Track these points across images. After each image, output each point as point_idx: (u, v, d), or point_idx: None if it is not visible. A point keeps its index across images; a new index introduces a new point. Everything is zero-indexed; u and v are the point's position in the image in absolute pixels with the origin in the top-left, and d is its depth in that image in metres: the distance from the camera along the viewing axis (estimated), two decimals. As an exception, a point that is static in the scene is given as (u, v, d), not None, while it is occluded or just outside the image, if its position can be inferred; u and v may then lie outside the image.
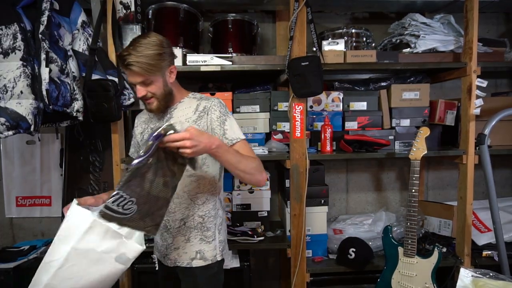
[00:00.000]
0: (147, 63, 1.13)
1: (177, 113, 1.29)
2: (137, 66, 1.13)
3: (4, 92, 1.45)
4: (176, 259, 1.31)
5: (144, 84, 1.18)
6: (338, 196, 2.47)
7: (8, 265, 1.93)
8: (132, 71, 1.14)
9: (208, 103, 1.26)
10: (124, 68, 1.17)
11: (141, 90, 1.19)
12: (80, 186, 2.02)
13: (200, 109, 1.26)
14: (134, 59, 1.12)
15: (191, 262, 1.29)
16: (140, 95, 1.19)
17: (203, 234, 1.31)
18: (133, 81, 1.18)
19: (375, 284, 1.87)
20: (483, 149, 1.75)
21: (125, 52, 1.14)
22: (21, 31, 1.45)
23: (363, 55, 1.87)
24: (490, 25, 2.41)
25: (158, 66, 1.17)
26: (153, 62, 1.15)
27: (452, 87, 2.40)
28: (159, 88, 1.21)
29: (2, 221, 2.36)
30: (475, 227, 2.04)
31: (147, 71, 1.14)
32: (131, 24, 1.76)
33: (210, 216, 1.32)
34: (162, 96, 1.23)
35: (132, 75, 1.17)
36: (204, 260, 1.30)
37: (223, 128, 1.24)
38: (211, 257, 1.31)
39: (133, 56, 1.12)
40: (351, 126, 2.03)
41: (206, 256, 1.30)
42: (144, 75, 1.15)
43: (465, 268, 0.95)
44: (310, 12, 1.77)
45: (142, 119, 1.41)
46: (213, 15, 2.21)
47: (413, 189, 1.74)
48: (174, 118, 1.28)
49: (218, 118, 1.24)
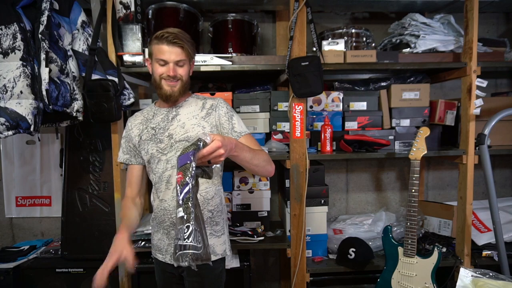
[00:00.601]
0: (188, 42, 1.25)
1: (183, 110, 1.33)
2: (182, 42, 1.23)
3: (4, 92, 1.46)
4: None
5: (177, 65, 1.25)
6: (338, 196, 2.47)
7: (8, 265, 1.93)
8: (176, 46, 1.22)
9: (215, 102, 1.35)
10: (165, 44, 1.22)
11: (175, 68, 1.25)
12: (80, 186, 2.02)
13: (207, 107, 1.34)
14: (180, 36, 1.23)
15: None
16: (173, 73, 1.24)
17: (212, 228, 1.33)
18: (170, 58, 1.23)
19: (375, 284, 1.87)
20: (483, 149, 1.75)
21: (167, 31, 1.23)
22: (21, 31, 1.46)
23: (363, 55, 1.87)
24: (490, 25, 2.41)
25: (191, 51, 1.28)
26: (190, 45, 1.26)
27: (452, 87, 2.40)
28: (186, 73, 1.29)
29: (2, 221, 2.36)
30: (475, 227, 2.04)
31: (186, 51, 1.25)
32: (131, 24, 1.76)
33: (218, 211, 1.35)
34: (185, 82, 1.30)
35: (172, 53, 1.23)
36: (214, 255, 1.32)
37: (232, 122, 1.32)
38: (221, 251, 1.34)
39: (177, 34, 1.23)
40: (351, 126, 2.03)
41: (216, 250, 1.33)
42: (183, 54, 1.24)
43: (465, 268, 0.95)
44: (310, 12, 1.77)
45: (137, 121, 1.40)
46: (213, 15, 2.21)
47: (413, 189, 1.74)
48: (181, 115, 1.32)
49: (226, 113, 1.32)
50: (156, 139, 1.32)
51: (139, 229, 1.90)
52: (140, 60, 1.78)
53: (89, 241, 1.97)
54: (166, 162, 1.30)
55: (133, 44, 1.76)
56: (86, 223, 1.99)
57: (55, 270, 1.93)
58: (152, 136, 1.32)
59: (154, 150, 1.31)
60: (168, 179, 1.30)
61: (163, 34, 1.22)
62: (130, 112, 1.95)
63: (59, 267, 1.93)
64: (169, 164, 1.29)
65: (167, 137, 1.30)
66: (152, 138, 1.32)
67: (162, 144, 1.30)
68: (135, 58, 1.77)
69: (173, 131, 1.30)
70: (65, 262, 1.96)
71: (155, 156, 1.31)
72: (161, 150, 1.30)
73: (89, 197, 2.02)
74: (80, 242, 1.98)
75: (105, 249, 1.92)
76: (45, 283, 1.94)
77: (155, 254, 1.40)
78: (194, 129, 1.29)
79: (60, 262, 1.96)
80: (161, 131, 1.32)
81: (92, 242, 1.97)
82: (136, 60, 1.78)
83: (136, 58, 1.77)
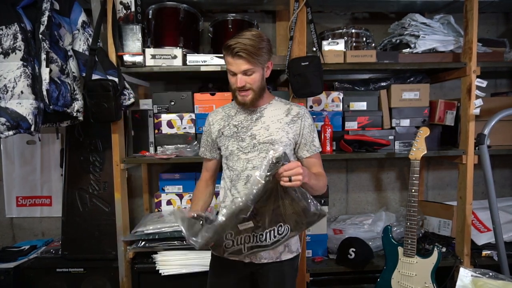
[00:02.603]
0: (254, 52, 1.20)
1: (267, 112, 1.34)
2: (245, 53, 1.19)
3: (4, 92, 1.46)
4: (262, 255, 1.30)
5: (246, 74, 1.24)
6: (338, 196, 2.47)
7: (8, 265, 1.94)
8: (240, 58, 1.20)
9: (301, 110, 1.35)
10: (230, 56, 1.22)
11: (242, 79, 1.24)
12: (81, 186, 2.02)
13: (293, 113, 1.34)
14: (243, 47, 1.19)
15: (280, 256, 1.32)
16: (240, 85, 1.24)
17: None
18: (237, 69, 1.23)
19: (375, 284, 1.87)
20: (483, 149, 1.75)
21: (232, 42, 1.20)
22: (22, 31, 1.46)
23: (363, 55, 1.87)
24: (490, 25, 2.41)
25: (261, 57, 1.23)
26: (258, 52, 1.21)
27: (451, 87, 2.40)
28: (257, 80, 1.26)
29: (2, 221, 2.36)
30: (475, 227, 2.04)
31: (253, 59, 1.21)
32: (131, 24, 1.76)
33: None
34: (258, 89, 1.28)
35: (237, 64, 1.22)
36: (291, 253, 1.34)
37: (313, 135, 1.36)
38: (295, 249, 1.37)
39: (241, 44, 1.19)
40: (351, 126, 2.03)
41: (292, 248, 1.35)
42: (249, 63, 1.21)
43: (465, 268, 0.96)
44: (310, 12, 1.77)
45: (218, 116, 1.40)
46: (213, 15, 2.21)
47: (413, 189, 1.74)
48: (265, 117, 1.33)
49: (310, 125, 1.35)
50: (238, 137, 1.32)
51: (139, 229, 1.90)
52: (140, 60, 1.78)
53: (89, 241, 1.97)
54: (247, 161, 1.31)
55: (133, 44, 1.76)
56: (86, 223, 1.99)
57: (55, 270, 1.93)
58: (234, 134, 1.33)
59: (234, 147, 1.32)
60: (247, 179, 1.30)
61: (229, 45, 1.21)
62: (130, 112, 1.96)
63: (59, 267, 1.93)
64: (250, 164, 1.30)
65: (250, 137, 1.31)
66: (233, 135, 1.33)
67: (244, 143, 1.31)
68: (135, 58, 1.78)
69: (256, 132, 1.31)
70: (66, 262, 1.96)
71: (235, 154, 1.32)
72: (242, 148, 1.31)
73: (89, 197, 2.02)
74: (80, 242, 1.98)
75: (105, 249, 1.95)
76: (45, 283, 1.94)
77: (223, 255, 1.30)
78: (279, 133, 1.30)
79: (60, 262, 1.96)
80: (243, 130, 1.32)
81: (92, 242, 1.97)
82: (136, 60, 1.78)
83: (136, 58, 1.77)
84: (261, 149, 1.29)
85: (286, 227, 1.18)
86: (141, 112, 1.96)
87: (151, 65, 1.79)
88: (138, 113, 1.96)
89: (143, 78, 2.13)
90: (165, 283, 1.81)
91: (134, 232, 1.90)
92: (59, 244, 2.09)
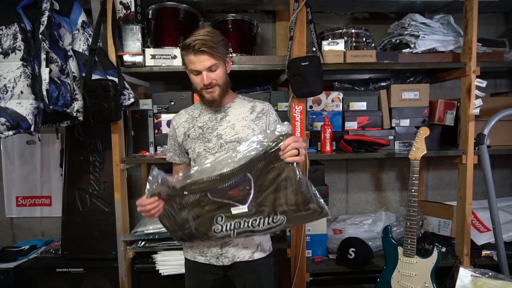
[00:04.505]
0: (214, 46, 1.20)
1: (232, 111, 1.34)
2: (207, 47, 1.19)
3: (4, 92, 1.46)
4: (235, 255, 1.30)
5: (210, 70, 1.24)
6: (338, 196, 2.47)
7: (8, 265, 1.94)
8: (203, 53, 1.20)
9: (265, 106, 1.37)
10: (192, 54, 1.21)
11: (208, 76, 1.23)
12: (80, 186, 2.02)
13: (257, 110, 1.35)
14: (203, 42, 1.19)
15: (252, 255, 1.32)
16: (207, 82, 1.24)
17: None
18: (201, 67, 1.22)
19: (375, 284, 1.87)
20: (483, 149, 1.75)
21: (191, 40, 1.20)
22: (21, 31, 1.46)
23: (363, 55, 1.87)
24: (490, 25, 2.41)
25: (222, 52, 1.24)
26: (217, 45, 1.21)
27: (451, 87, 2.40)
28: (222, 75, 1.27)
29: (3, 221, 2.36)
30: (475, 227, 2.04)
31: (215, 52, 1.21)
32: (131, 24, 1.76)
33: None
34: (224, 85, 1.29)
35: (200, 61, 1.21)
36: (263, 252, 1.35)
37: None
38: (268, 248, 1.37)
39: (201, 40, 1.19)
40: (351, 126, 2.03)
41: (265, 247, 1.36)
42: (213, 57, 1.21)
43: (465, 268, 0.96)
44: (310, 12, 1.77)
45: (182, 119, 1.40)
46: (213, 15, 2.22)
47: (413, 189, 1.75)
48: (230, 115, 1.33)
49: (275, 121, 1.37)
50: (204, 138, 1.32)
51: (139, 229, 1.90)
52: (140, 60, 1.78)
53: (89, 241, 1.98)
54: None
55: (133, 44, 1.76)
56: (86, 223, 1.99)
57: (55, 270, 1.93)
58: (200, 135, 1.33)
59: (201, 149, 1.32)
60: None
61: (189, 43, 1.21)
62: (130, 112, 1.96)
63: (59, 267, 1.93)
64: None
65: (216, 137, 1.31)
66: (199, 137, 1.33)
67: (210, 143, 1.31)
68: (135, 58, 1.78)
69: (222, 132, 1.31)
70: (65, 262, 1.96)
71: (202, 155, 1.32)
72: (209, 149, 1.31)
73: (89, 197, 2.02)
74: (80, 242, 1.98)
75: (105, 249, 1.95)
76: (45, 283, 1.94)
77: (193, 257, 1.37)
78: (245, 130, 1.30)
79: (60, 262, 1.96)
80: (209, 130, 1.32)
81: (92, 242, 1.97)
82: (136, 60, 1.78)
83: (136, 58, 1.78)
84: (228, 148, 1.29)
85: (282, 217, 1.17)
86: (141, 112, 1.96)
87: (151, 65, 1.79)
88: (138, 113, 1.96)
89: (143, 78, 2.13)
90: (165, 283, 1.81)
91: (134, 232, 1.90)
92: (59, 244, 2.09)
